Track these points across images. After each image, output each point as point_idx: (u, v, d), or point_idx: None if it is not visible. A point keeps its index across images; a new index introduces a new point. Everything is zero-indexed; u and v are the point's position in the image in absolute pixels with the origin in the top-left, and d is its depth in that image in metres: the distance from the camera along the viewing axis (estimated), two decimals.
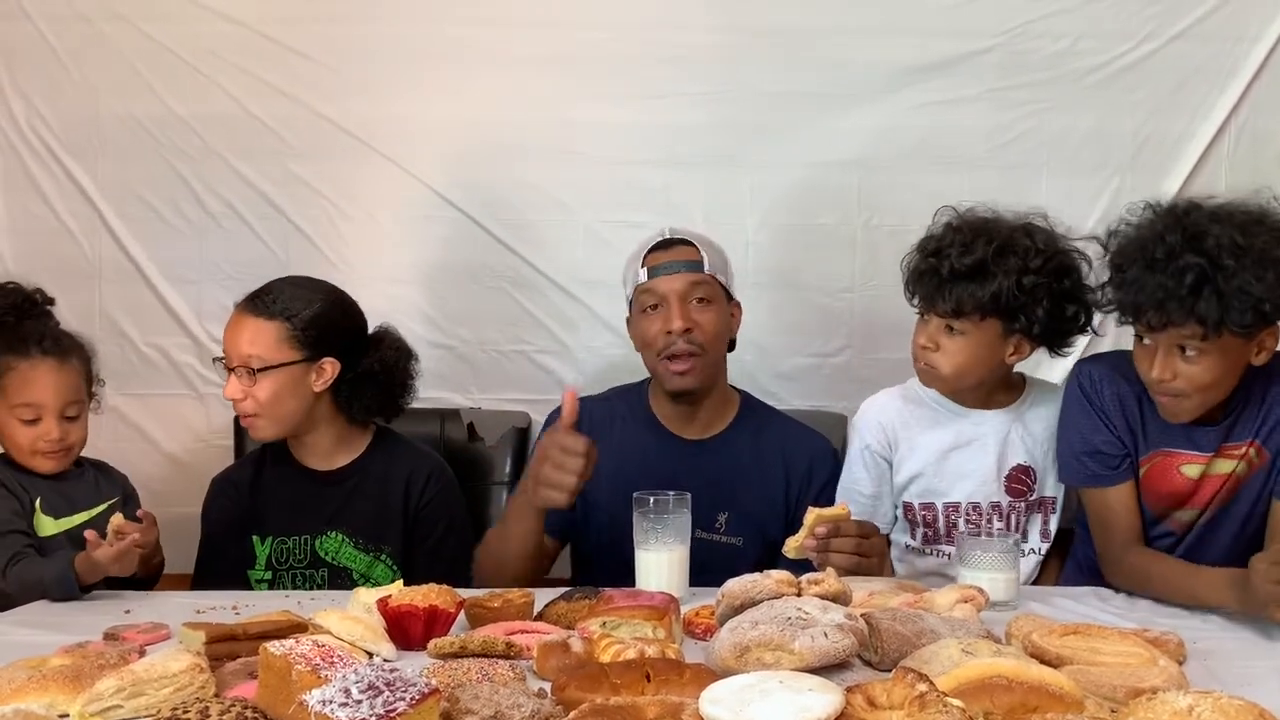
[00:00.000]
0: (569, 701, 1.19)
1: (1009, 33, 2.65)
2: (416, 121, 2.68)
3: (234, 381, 2.02)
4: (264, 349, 2.01)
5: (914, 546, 2.09)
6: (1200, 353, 1.71)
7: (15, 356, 2.00)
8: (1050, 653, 1.31)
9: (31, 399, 1.99)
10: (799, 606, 1.33)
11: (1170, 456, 1.86)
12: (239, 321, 2.04)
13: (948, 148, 2.66)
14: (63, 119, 2.70)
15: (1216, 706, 1.05)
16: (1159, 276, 1.68)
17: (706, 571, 1.79)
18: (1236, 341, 1.71)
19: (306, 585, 2.08)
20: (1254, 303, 1.65)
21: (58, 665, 1.32)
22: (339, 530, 2.08)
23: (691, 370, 2.02)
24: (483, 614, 1.57)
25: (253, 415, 2.04)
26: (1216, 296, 1.65)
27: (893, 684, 1.09)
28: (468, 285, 2.72)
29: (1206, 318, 1.65)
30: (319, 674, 1.12)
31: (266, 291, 2.07)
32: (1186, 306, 1.66)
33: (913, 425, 2.06)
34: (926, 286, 1.96)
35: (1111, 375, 1.89)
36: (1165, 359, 1.73)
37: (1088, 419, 1.90)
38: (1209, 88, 2.64)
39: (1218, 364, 1.72)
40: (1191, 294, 1.66)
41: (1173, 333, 1.70)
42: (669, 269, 2.04)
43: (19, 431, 2.00)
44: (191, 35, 2.67)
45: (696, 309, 2.03)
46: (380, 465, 2.14)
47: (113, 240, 2.71)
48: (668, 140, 2.67)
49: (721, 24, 2.66)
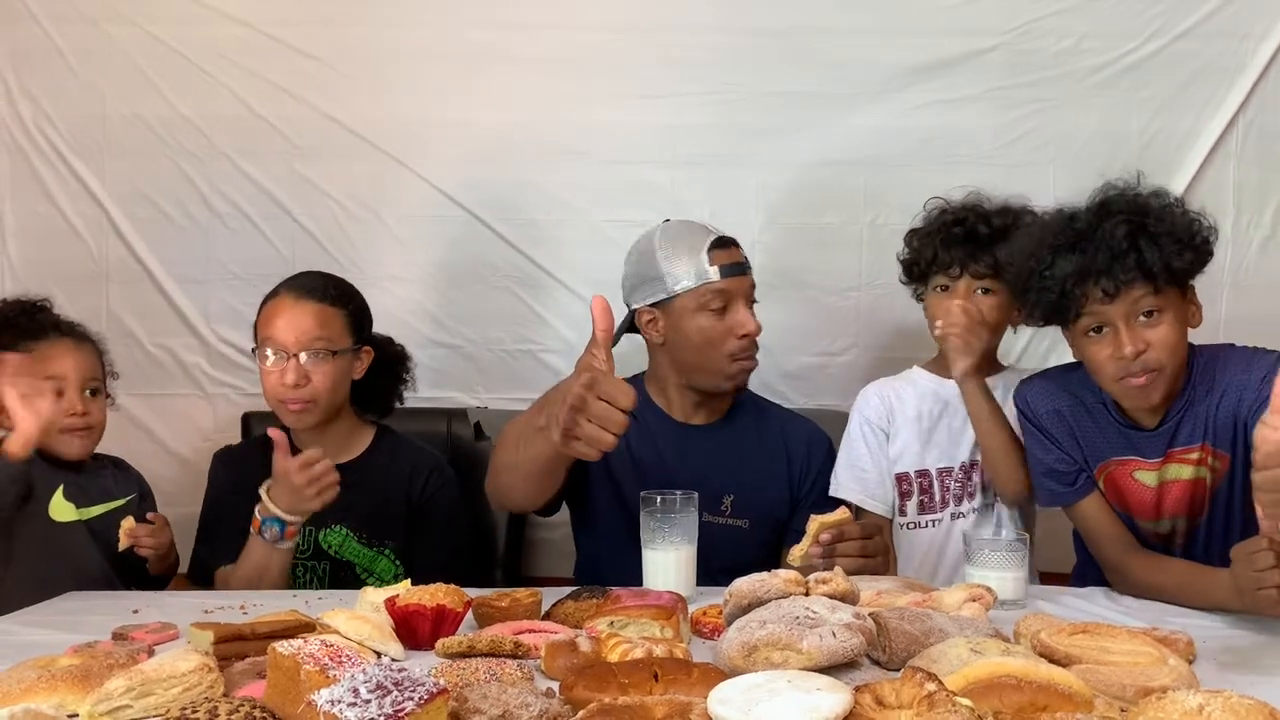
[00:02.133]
0: (577, 701, 1.19)
1: (1014, 31, 2.65)
2: (423, 122, 2.69)
3: (296, 366, 2.03)
4: (333, 333, 2.08)
5: (910, 522, 2.15)
6: (1158, 312, 1.72)
7: (32, 340, 2.05)
8: (1059, 652, 1.31)
9: (53, 372, 2.03)
10: (807, 606, 1.33)
11: (1121, 464, 1.86)
12: (299, 306, 2.06)
13: (953, 147, 2.66)
14: (69, 120, 2.71)
15: (1227, 706, 1.05)
16: (1091, 247, 1.72)
17: (713, 554, 1.82)
18: (1178, 297, 1.75)
19: (307, 576, 2.10)
20: (1186, 240, 1.71)
21: (67, 665, 1.32)
22: (343, 525, 2.10)
23: (753, 369, 2.08)
24: (490, 613, 1.57)
25: (309, 401, 2.06)
26: (1153, 243, 1.70)
27: (901, 683, 1.09)
28: (474, 285, 2.72)
29: (1153, 265, 1.69)
30: (327, 674, 1.12)
31: (315, 278, 2.14)
32: (1130, 261, 1.69)
33: (906, 399, 2.17)
34: (960, 250, 2.06)
35: (1046, 392, 1.91)
36: (1130, 330, 1.73)
37: (1034, 440, 1.93)
38: (1215, 85, 2.64)
39: (1176, 323, 1.74)
40: (1131, 248, 1.70)
41: (1125, 298, 1.71)
42: (737, 270, 2.05)
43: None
44: (198, 36, 2.68)
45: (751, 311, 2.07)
46: (384, 461, 2.16)
47: (120, 241, 2.72)
48: (674, 140, 2.68)
49: (727, 25, 2.66)
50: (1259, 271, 2.60)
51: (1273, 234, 2.66)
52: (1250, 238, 2.64)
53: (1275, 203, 2.66)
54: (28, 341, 2.04)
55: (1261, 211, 2.65)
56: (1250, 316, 2.30)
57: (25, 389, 1.68)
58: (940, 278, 2.11)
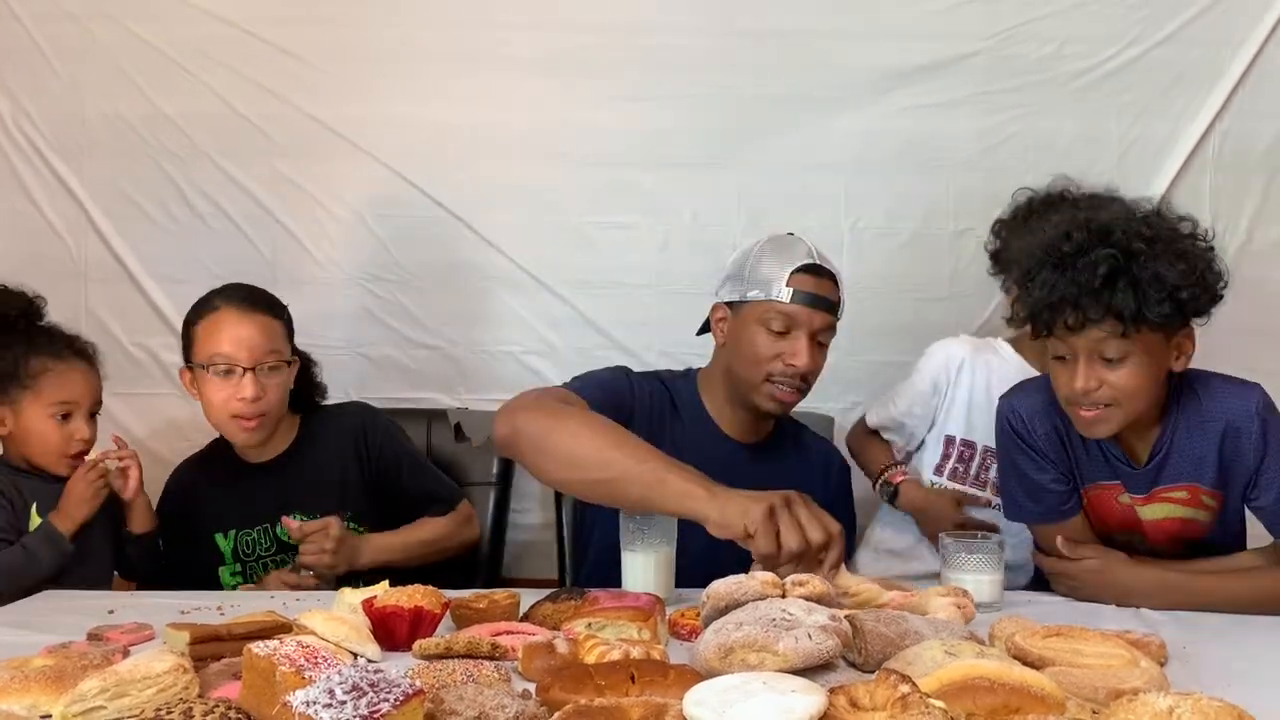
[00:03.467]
0: (553, 703, 1.19)
1: (996, 36, 2.66)
2: (404, 121, 2.68)
3: (253, 380, 2.03)
4: (279, 345, 2.09)
5: (940, 484, 2.19)
6: (1123, 356, 1.64)
7: (51, 358, 2.06)
8: (1033, 654, 1.31)
9: (67, 397, 2.05)
10: (783, 608, 1.33)
11: (1106, 489, 1.82)
12: (248, 320, 2.06)
13: (935, 151, 2.67)
14: (49, 118, 2.69)
15: (1196, 708, 1.06)
16: (1070, 273, 1.63)
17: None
18: (1156, 341, 1.66)
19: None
20: (1169, 291, 1.61)
21: (40, 666, 1.31)
22: (294, 514, 2.08)
23: (791, 404, 2.00)
24: (468, 615, 1.57)
25: (263, 415, 2.07)
26: (1132, 287, 1.60)
27: (876, 685, 1.09)
28: (455, 285, 2.72)
29: (1123, 310, 1.60)
30: (303, 675, 1.12)
31: (248, 290, 2.12)
32: (1103, 301, 1.60)
33: (977, 368, 2.17)
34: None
35: (1042, 411, 1.82)
36: (1088, 367, 1.66)
37: (1027, 459, 1.84)
38: (1195, 91, 2.66)
39: (1142, 367, 1.66)
40: (1106, 286, 1.60)
41: (1091, 333, 1.63)
42: (816, 303, 1.94)
43: (51, 432, 2.04)
44: (179, 35, 2.67)
45: (818, 351, 1.97)
46: (316, 439, 2.18)
47: (99, 240, 2.70)
48: (656, 142, 2.68)
49: (711, 27, 2.67)
50: (1235, 279, 2.55)
51: (1248, 240, 2.68)
52: (1226, 245, 2.63)
53: (1251, 209, 2.68)
54: (45, 359, 2.05)
55: (1237, 218, 2.67)
56: (1226, 324, 2.30)
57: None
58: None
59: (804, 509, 1.56)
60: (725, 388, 2.03)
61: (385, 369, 2.72)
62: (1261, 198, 2.68)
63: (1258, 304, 2.64)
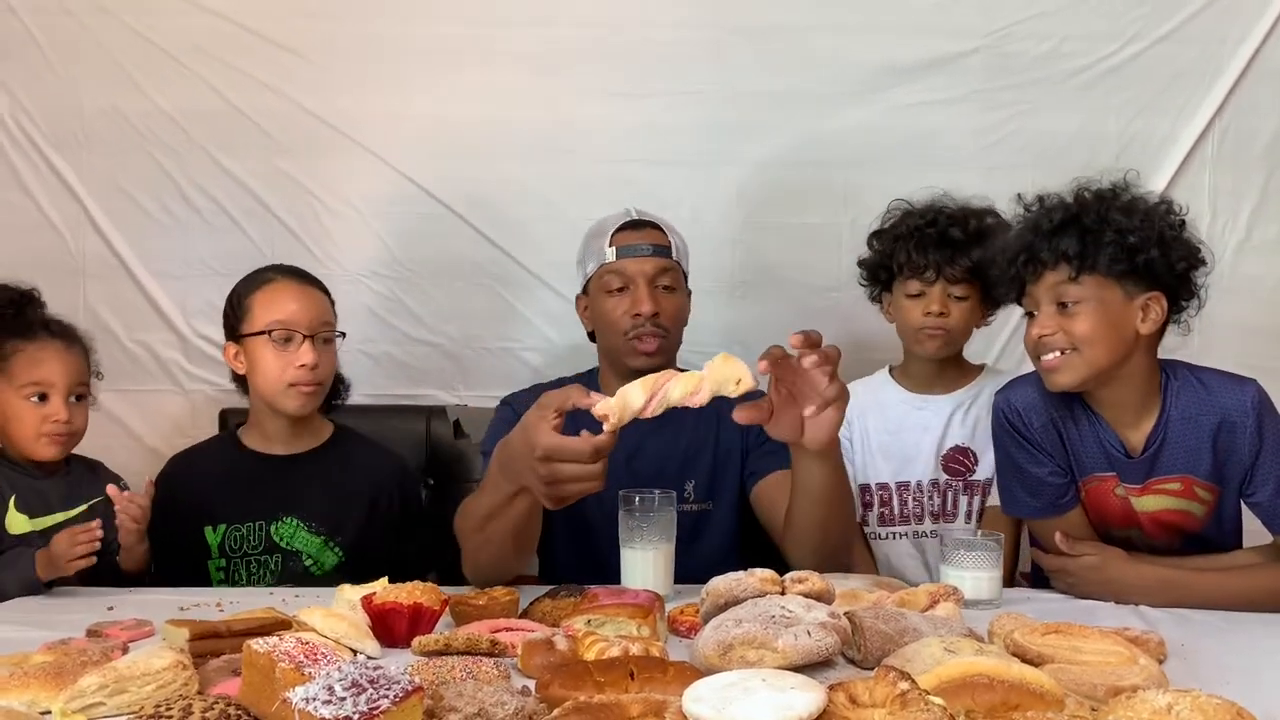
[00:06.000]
0: (553, 699, 1.19)
1: (995, 34, 2.66)
2: (403, 117, 2.68)
3: (311, 347, 2.05)
4: (333, 320, 2.13)
5: (871, 533, 2.18)
6: (1077, 300, 1.74)
7: (21, 339, 2.03)
8: (1032, 651, 1.32)
9: (40, 377, 2.00)
10: (782, 605, 1.34)
11: (1103, 481, 1.84)
12: (305, 292, 2.10)
13: (934, 148, 2.67)
14: (46, 112, 2.68)
15: (1195, 705, 1.06)
16: (1030, 224, 1.79)
17: (684, 541, 1.80)
18: (1113, 293, 1.74)
19: (260, 571, 2.09)
20: (1116, 235, 1.71)
21: (40, 662, 1.31)
22: (293, 515, 2.09)
23: (658, 352, 2.02)
24: (467, 611, 1.57)
25: (318, 384, 2.09)
26: (1080, 232, 1.73)
27: (875, 682, 1.10)
28: (454, 282, 2.72)
29: (1069, 251, 1.72)
30: (302, 671, 1.12)
31: (295, 269, 2.18)
32: (1053, 244, 1.74)
33: (868, 411, 2.19)
34: (936, 254, 2.08)
35: (1037, 403, 1.86)
36: (1046, 314, 1.76)
37: (1024, 453, 1.87)
38: (1194, 89, 2.66)
39: (1098, 315, 1.73)
40: (1057, 231, 1.74)
41: (1047, 278, 1.76)
42: (638, 251, 2.03)
43: (26, 413, 2.00)
44: (177, 29, 2.66)
45: (662, 295, 2.03)
46: (343, 454, 2.17)
47: (97, 235, 2.70)
48: (655, 138, 2.68)
49: (709, 23, 2.67)
50: (1234, 275, 2.62)
51: (1247, 237, 2.68)
52: (1226, 241, 2.66)
53: (1250, 207, 2.68)
54: (16, 340, 2.02)
55: (1236, 215, 2.68)
56: (1224, 320, 2.32)
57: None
58: (913, 283, 2.11)
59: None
60: (609, 368, 2.10)
61: (384, 365, 2.72)
62: (1260, 195, 2.68)
63: (1256, 300, 2.66)
